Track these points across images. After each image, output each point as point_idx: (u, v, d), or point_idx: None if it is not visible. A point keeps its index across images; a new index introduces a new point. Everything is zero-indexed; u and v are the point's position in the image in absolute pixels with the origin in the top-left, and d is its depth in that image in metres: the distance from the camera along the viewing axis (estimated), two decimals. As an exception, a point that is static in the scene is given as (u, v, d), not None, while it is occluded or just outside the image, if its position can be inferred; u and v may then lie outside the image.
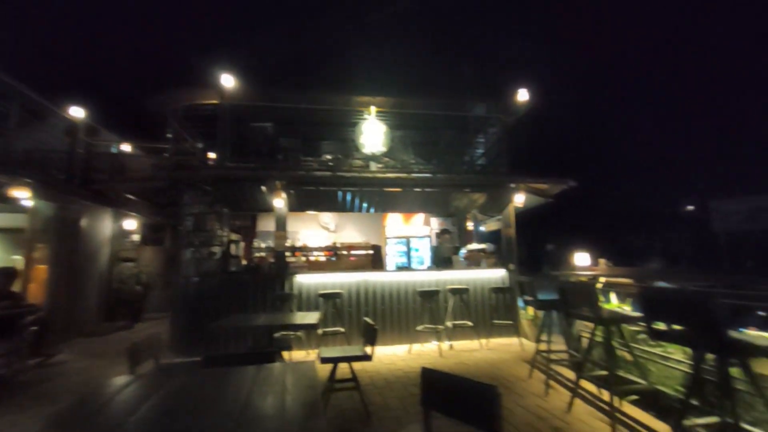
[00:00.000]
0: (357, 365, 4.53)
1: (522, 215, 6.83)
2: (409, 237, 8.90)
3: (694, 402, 2.78)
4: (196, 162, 6.80)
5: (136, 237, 8.39)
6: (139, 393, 1.65)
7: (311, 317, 3.52)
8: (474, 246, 6.85)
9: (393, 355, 5.09)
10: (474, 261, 6.49)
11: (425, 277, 5.90)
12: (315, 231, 9.03)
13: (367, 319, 3.10)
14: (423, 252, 8.85)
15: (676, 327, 2.38)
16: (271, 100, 6.60)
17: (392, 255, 8.72)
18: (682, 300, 2.20)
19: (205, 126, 6.94)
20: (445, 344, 5.49)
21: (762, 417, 2.43)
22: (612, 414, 2.77)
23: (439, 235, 7.62)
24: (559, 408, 3.24)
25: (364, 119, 6.70)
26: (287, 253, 6.32)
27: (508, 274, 6.09)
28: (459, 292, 5.49)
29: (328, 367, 3.14)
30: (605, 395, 3.20)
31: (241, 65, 6.44)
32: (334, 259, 6.27)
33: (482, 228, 9.86)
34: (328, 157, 6.81)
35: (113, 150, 8.65)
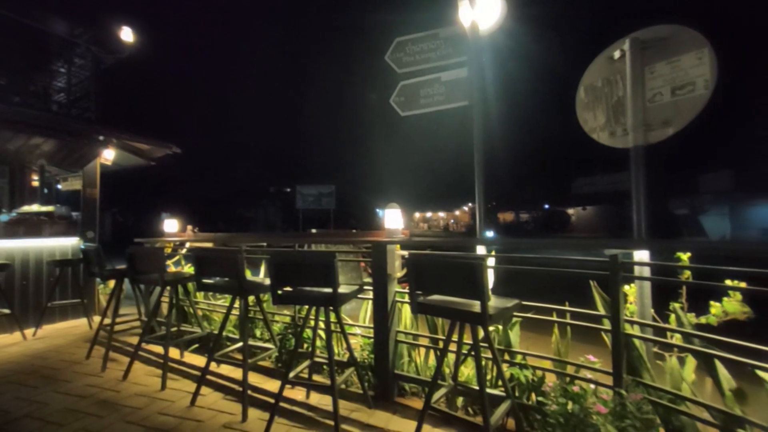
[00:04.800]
0: None
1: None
2: None
3: (233, 336, 3.55)
4: None
5: None
6: None
7: None
8: (31, 208, 5.09)
9: None
10: (31, 228, 4.85)
11: None
12: None
13: None
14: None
15: (223, 279, 2.90)
16: None
17: None
18: (219, 257, 2.69)
19: None
20: (-47, 348, 3.74)
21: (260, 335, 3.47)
22: (165, 365, 2.96)
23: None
24: (115, 379, 3.08)
25: None
26: None
27: (84, 243, 5.05)
28: (-10, 271, 3.90)
29: None
30: (173, 352, 3.39)
31: None
32: None
33: (60, 186, 7.64)
34: None
35: None
